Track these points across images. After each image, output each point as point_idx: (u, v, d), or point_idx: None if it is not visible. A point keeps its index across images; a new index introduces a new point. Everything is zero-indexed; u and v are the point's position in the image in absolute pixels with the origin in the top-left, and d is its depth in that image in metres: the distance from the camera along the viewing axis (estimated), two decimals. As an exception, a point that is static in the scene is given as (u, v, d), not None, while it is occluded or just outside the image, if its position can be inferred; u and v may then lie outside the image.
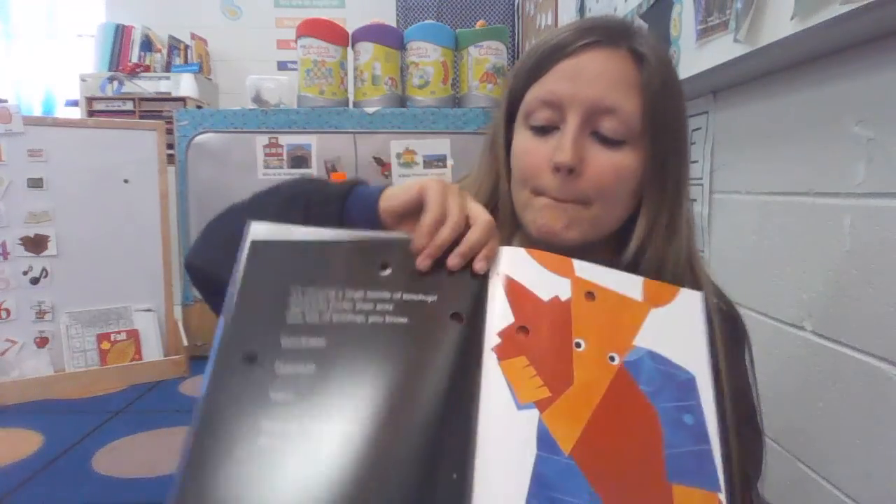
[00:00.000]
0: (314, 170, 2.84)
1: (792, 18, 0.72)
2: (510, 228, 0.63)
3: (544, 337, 0.44)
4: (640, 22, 1.27)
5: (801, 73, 0.84)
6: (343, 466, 0.38)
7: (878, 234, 0.70)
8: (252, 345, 0.42)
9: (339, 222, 0.53)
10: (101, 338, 2.50)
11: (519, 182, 0.59)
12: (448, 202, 0.47)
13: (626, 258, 0.57)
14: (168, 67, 3.89)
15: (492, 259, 0.46)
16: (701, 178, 1.13)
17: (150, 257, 2.62)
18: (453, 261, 0.45)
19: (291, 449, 0.38)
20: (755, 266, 0.97)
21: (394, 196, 0.51)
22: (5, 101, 3.38)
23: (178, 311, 2.76)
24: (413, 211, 0.48)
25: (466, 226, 0.46)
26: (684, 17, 1.05)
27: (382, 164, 2.87)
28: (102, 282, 2.52)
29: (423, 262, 0.45)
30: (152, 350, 2.59)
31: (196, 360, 2.67)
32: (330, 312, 0.44)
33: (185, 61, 3.98)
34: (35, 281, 2.42)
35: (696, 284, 0.59)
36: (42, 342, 2.43)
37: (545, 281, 0.46)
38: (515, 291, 0.46)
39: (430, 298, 0.44)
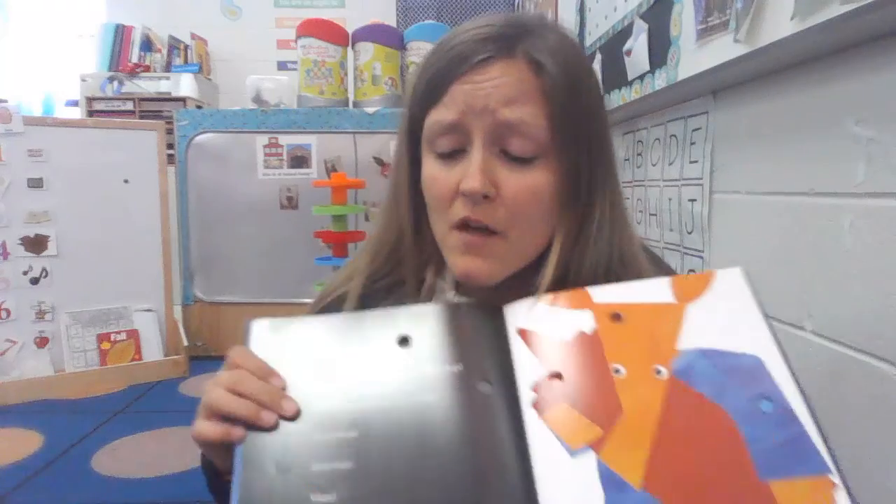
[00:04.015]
0: (314, 170, 2.84)
1: (792, 18, 0.72)
2: (437, 259, 0.58)
3: (579, 376, 0.42)
4: (639, 23, 1.27)
5: (801, 73, 0.84)
6: None
7: (878, 234, 0.70)
8: (284, 448, 0.40)
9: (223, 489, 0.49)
10: (101, 338, 2.50)
11: (434, 212, 0.55)
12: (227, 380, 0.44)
13: (544, 281, 0.51)
14: (168, 67, 3.89)
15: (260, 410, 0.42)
16: (701, 178, 1.13)
17: (150, 257, 2.62)
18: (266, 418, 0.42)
19: None
20: (755, 266, 0.97)
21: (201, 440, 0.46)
22: (5, 101, 3.38)
23: (178, 311, 2.76)
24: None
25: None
26: (684, 17, 1.05)
27: (382, 164, 2.87)
28: (102, 282, 2.52)
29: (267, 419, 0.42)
30: (152, 350, 2.59)
31: (196, 361, 2.67)
32: (357, 400, 0.42)
33: (185, 61, 3.98)
34: (35, 281, 2.41)
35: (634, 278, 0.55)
36: (42, 342, 2.42)
37: (563, 320, 0.45)
38: (536, 341, 0.44)
39: (457, 368, 0.43)
